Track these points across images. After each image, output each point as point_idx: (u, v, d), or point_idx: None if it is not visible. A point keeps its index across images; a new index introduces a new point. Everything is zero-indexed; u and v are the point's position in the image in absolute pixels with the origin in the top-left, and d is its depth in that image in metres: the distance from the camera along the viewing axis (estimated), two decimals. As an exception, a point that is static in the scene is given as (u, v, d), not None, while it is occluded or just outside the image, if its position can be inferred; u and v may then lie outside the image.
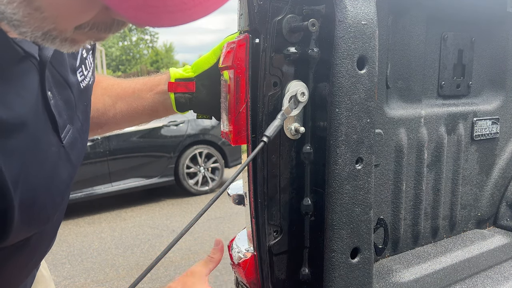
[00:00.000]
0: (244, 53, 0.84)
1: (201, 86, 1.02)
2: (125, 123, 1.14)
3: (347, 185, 0.84)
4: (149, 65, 32.68)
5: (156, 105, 1.08)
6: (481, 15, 1.26)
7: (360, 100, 0.83)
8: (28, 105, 0.64)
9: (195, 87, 1.02)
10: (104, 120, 1.10)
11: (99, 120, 1.10)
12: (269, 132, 0.80)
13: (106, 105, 1.10)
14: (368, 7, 0.83)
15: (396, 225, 1.17)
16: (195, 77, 1.02)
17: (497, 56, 1.33)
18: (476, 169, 1.35)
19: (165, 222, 5.54)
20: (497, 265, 1.25)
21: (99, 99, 1.11)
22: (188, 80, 1.02)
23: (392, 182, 1.14)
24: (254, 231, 0.90)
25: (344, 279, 0.86)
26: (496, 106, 1.35)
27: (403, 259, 1.15)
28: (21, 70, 0.63)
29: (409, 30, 1.11)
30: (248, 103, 0.85)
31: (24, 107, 0.63)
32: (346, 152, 0.83)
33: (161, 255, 0.69)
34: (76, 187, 5.67)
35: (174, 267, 4.10)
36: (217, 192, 0.74)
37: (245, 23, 0.87)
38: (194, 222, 0.72)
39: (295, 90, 0.86)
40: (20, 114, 0.62)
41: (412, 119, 1.15)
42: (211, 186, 6.84)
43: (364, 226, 0.87)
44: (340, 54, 0.80)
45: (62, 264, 4.34)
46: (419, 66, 1.15)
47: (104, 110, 1.10)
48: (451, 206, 1.30)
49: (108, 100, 1.10)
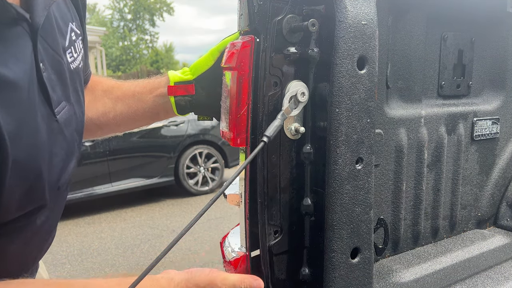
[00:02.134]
0: (248, 54, 0.84)
1: (200, 88, 1.02)
2: (126, 125, 1.14)
3: (347, 185, 0.84)
4: (149, 65, 32.68)
5: (156, 108, 1.08)
6: (481, 15, 1.26)
7: (360, 100, 0.83)
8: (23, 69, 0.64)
9: (195, 89, 1.02)
10: (104, 121, 1.10)
11: (99, 121, 1.10)
12: (269, 132, 0.80)
13: (106, 106, 1.10)
14: (368, 7, 0.83)
15: (396, 225, 1.17)
16: (194, 80, 1.02)
17: (497, 56, 1.33)
18: (476, 169, 1.35)
19: (165, 222, 5.54)
20: (498, 265, 1.25)
21: (99, 100, 1.11)
22: (187, 83, 1.02)
23: (392, 182, 1.14)
24: (248, 232, 0.90)
25: (344, 279, 0.86)
26: (496, 106, 1.35)
27: (403, 259, 1.15)
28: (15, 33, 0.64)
29: (409, 30, 1.11)
30: (250, 106, 0.85)
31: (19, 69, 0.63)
32: (346, 152, 0.83)
33: (161, 255, 0.69)
34: (76, 187, 5.67)
35: (174, 267, 4.10)
36: (217, 192, 0.74)
37: (245, 23, 0.87)
38: (194, 222, 0.72)
39: (295, 90, 0.86)
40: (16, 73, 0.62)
41: (412, 119, 1.15)
42: (211, 186, 6.84)
43: (364, 226, 0.87)
44: (340, 54, 0.80)
45: (62, 264, 4.34)
46: (419, 66, 1.15)
47: (104, 111, 1.10)
48: (451, 206, 1.30)
49: (108, 102, 1.11)
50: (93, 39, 17.75)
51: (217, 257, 4.32)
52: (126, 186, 6.13)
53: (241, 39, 0.87)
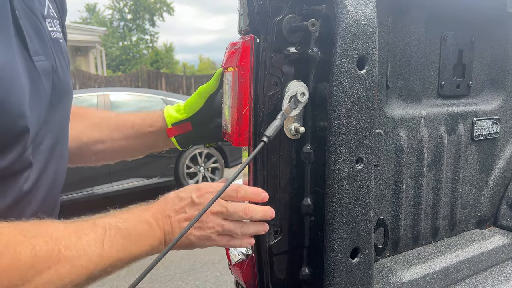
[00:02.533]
0: (248, 54, 0.84)
1: (197, 123, 1.08)
2: (122, 154, 1.18)
3: (347, 185, 0.84)
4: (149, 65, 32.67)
5: (156, 141, 1.14)
6: (481, 15, 1.26)
7: (360, 100, 0.83)
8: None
9: (192, 126, 1.08)
10: (100, 148, 1.13)
11: (96, 148, 1.13)
12: (269, 132, 0.80)
13: (102, 133, 1.13)
14: (368, 7, 0.83)
15: (396, 225, 1.17)
16: (189, 118, 1.08)
17: (497, 56, 1.33)
18: (476, 169, 1.35)
19: (165, 222, 5.54)
20: (497, 265, 1.25)
21: (96, 127, 1.14)
22: (184, 121, 1.08)
23: (392, 182, 1.14)
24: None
25: (344, 279, 0.86)
26: (496, 106, 1.35)
27: (403, 259, 1.15)
28: None
29: (409, 30, 1.11)
30: (251, 105, 0.85)
31: None
32: (346, 152, 0.83)
33: (161, 255, 0.69)
34: (76, 187, 5.66)
35: (174, 267, 4.10)
36: (217, 193, 0.74)
37: (245, 23, 0.87)
38: (194, 222, 0.72)
39: (295, 90, 0.86)
40: None
41: (412, 119, 1.15)
42: (211, 186, 6.83)
43: (364, 226, 0.87)
44: (340, 54, 0.80)
45: (62, 264, 4.34)
46: (419, 66, 1.15)
47: (101, 138, 1.13)
48: (451, 206, 1.30)
49: (105, 129, 1.14)
50: (93, 39, 17.76)
51: (217, 257, 4.32)
52: (126, 186, 6.12)
53: (241, 38, 0.87)
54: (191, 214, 0.79)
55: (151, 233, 0.76)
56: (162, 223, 0.78)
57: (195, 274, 3.96)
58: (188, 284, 3.79)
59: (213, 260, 4.25)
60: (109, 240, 0.70)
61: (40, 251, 0.62)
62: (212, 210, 0.79)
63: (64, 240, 0.65)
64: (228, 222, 0.81)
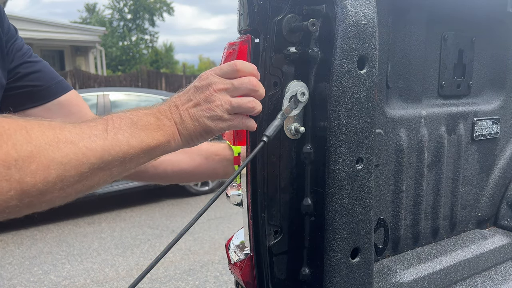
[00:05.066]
0: (246, 54, 0.84)
1: None
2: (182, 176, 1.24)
3: (347, 185, 0.84)
4: (149, 65, 32.65)
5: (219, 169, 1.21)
6: (481, 15, 1.26)
7: (360, 100, 0.83)
8: None
9: None
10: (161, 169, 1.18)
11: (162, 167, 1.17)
12: (269, 132, 0.80)
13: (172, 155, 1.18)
14: (368, 7, 0.82)
15: (396, 225, 1.17)
16: None
17: (497, 56, 1.33)
18: (477, 169, 1.35)
19: (165, 222, 5.54)
20: (498, 265, 1.25)
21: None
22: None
23: (392, 182, 1.14)
24: (252, 232, 0.90)
25: (344, 279, 0.86)
26: (496, 106, 1.35)
27: (403, 259, 1.15)
28: None
29: (409, 30, 1.11)
30: None
31: None
32: (346, 152, 0.82)
33: (161, 255, 0.68)
34: (76, 187, 5.66)
35: (174, 267, 4.10)
36: (217, 192, 0.74)
37: (245, 23, 0.87)
38: (194, 222, 0.72)
39: (295, 90, 0.85)
40: None
41: (413, 119, 1.15)
42: (211, 186, 6.83)
43: (364, 226, 0.87)
44: (340, 54, 0.80)
45: (62, 264, 4.34)
46: (419, 66, 1.15)
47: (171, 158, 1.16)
48: (452, 206, 1.30)
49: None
50: (93, 39, 17.75)
51: (217, 257, 4.32)
52: (126, 186, 6.12)
53: (239, 38, 0.87)
54: (198, 99, 0.77)
55: (160, 123, 0.75)
56: (170, 113, 0.77)
57: (195, 274, 3.96)
58: (188, 284, 3.79)
59: (213, 260, 4.25)
60: (113, 127, 0.71)
61: (43, 131, 0.64)
62: (216, 88, 0.77)
63: (62, 129, 0.66)
64: (236, 98, 0.78)
